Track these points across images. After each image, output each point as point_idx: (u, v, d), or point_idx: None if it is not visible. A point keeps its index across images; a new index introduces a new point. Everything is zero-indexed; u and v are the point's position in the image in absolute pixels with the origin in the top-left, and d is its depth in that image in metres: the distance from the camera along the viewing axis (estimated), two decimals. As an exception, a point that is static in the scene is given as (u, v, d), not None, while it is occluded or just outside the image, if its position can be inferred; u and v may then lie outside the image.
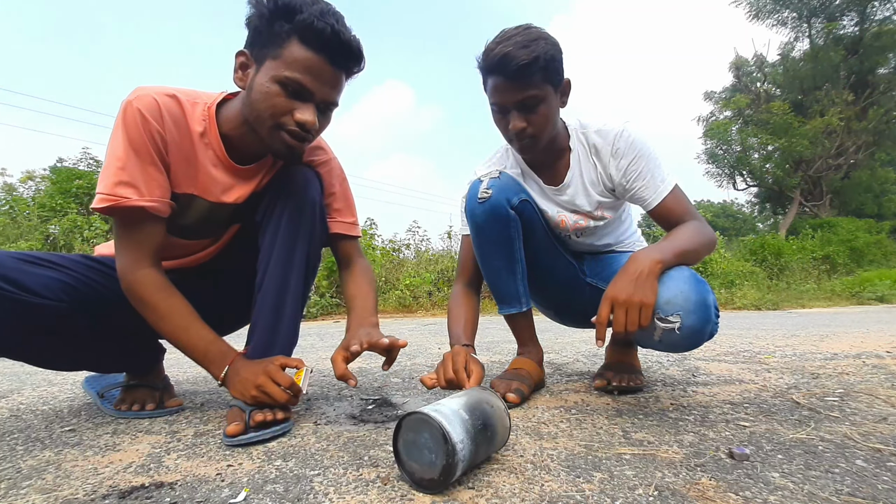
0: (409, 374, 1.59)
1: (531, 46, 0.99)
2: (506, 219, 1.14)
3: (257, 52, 0.87)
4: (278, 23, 0.83)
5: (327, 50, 0.85)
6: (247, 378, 0.90)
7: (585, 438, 0.90)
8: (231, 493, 0.68)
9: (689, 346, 0.95)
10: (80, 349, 1.00)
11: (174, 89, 0.92)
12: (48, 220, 5.74)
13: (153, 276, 0.92)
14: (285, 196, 1.01)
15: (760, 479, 0.70)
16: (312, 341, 2.81)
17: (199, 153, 0.94)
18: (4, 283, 0.82)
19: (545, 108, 1.06)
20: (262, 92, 0.86)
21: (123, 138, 0.87)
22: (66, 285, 0.90)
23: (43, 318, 0.87)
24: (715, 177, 17.46)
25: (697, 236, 1.04)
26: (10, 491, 0.70)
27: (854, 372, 1.52)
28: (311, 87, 0.87)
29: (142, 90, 0.88)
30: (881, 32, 14.16)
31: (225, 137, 0.96)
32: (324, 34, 0.83)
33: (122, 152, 0.87)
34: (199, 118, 0.94)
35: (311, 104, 0.89)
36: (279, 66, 0.85)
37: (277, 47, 0.84)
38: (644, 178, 1.12)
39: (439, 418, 0.65)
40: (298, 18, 0.82)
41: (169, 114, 0.89)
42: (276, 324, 0.99)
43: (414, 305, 5.69)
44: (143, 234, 0.91)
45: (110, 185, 0.86)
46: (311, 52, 0.85)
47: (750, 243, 10.32)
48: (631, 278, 0.90)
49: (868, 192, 16.60)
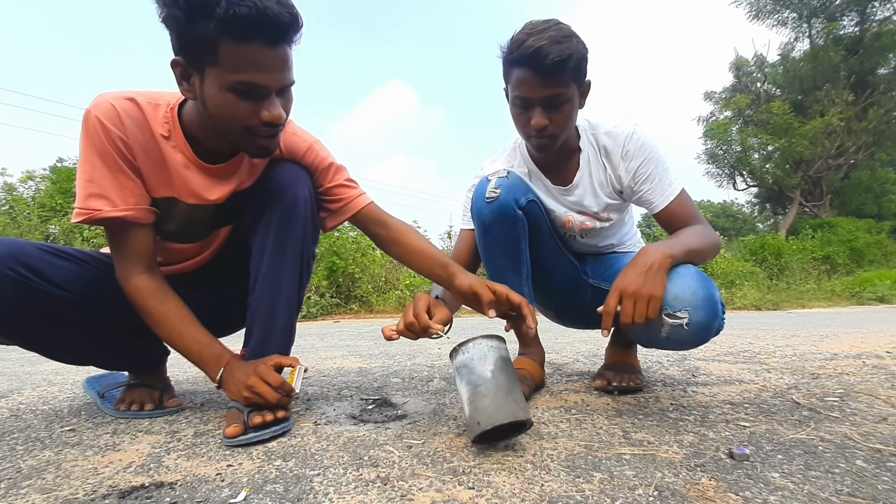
0: (409, 374, 1.59)
1: (565, 43, 0.98)
2: (513, 219, 1.13)
3: (193, 60, 0.80)
4: (199, 23, 0.75)
5: (262, 34, 0.77)
6: (239, 379, 0.90)
7: (585, 438, 0.90)
8: (231, 493, 0.68)
9: (697, 341, 0.95)
10: (89, 343, 1.02)
11: (134, 92, 0.89)
12: (48, 219, 5.74)
13: (144, 282, 0.92)
14: (273, 196, 0.99)
15: (760, 480, 0.70)
16: (312, 341, 2.81)
17: (168, 156, 0.92)
18: (27, 272, 0.83)
19: (569, 108, 1.05)
20: (218, 104, 0.81)
21: (88, 149, 0.85)
22: (84, 279, 0.92)
23: (59, 308, 0.89)
24: (715, 177, 17.50)
25: (704, 238, 1.04)
26: (10, 491, 0.70)
27: (854, 372, 1.52)
28: (263, 82, 0.80)
29: (100, 97, 0.86)
30: (881, 32, 14.17)
31: (191, 138, 0.93)
32: (251, 20, 0.74)
33: (88, 164, 0.85)
34: (162, 121, 0.90)
35: (271, 97, 0.83)
36: (223, 74, 0.78)
37: (211, 52, 0.77)
38: (652, 182, 1.12)
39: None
40: (218, 13, 0.73)
41: (129, 118, 0.87)
42: (270, 325, 0.99)
43: (414, 305, 5.68)
44: (129, 243, 0.91)
45: (82, 198, 0.86)
46: (246, 45, 0.76)
47: (750, 243, 10.32)
48: (641, 271, 0.90)
49: (868, 192, 16.61)
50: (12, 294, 0.82)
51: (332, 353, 2.18)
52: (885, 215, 16.20)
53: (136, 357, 1.14)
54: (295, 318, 1.05)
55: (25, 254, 0.84)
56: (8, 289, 0.82)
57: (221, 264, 1.13)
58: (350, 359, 2.00)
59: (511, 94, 1.08)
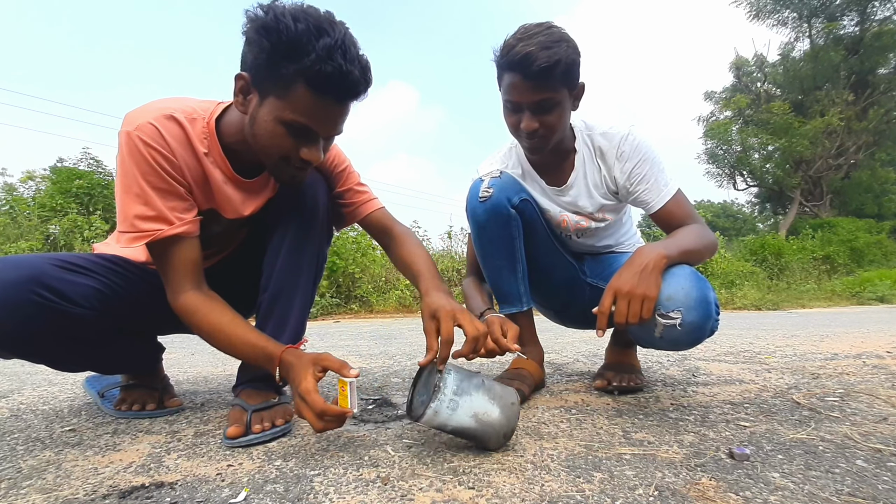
0: (409, 375, 1.59)
1: (553, 48, 0.98)
2: (506, 218, 1.14)
3: (259, 83, 0.82)
4: (283, 63, 0.77)
5: (336, 94, 0.81)
6: (293, 388, 0.85)
7: (585, 438, 0.90)
8: (231, 493, 0.68)
9: (690, 342, 0.96)
10: (95, 351, 1.00)
11: (168, 108, 0.87)
12: (48, 220, 5.74)
13: (193, 299, 0.89)
14: (293, 197, 1.01)
15: (760, 479, 0.70)
16: (312, 341, 2.81)
17: (209, 172, 0.92)
18: (49, 293, 0.80)
19: (559, 112, 1.06)
20: (267, 130, 0.83)
21: (133, 171, 0.83)
22: (98, 292, 0.89)
23: (77, 325, 0.86)
24: (715, 177, 17.48)
25: (700, 238, 1.05)
26: (10, 491, 0.70)
27: (854, 372, 1.52)
28: (316, 128, 0.84)
29: (136, 117, 0.84)
30: (881, 32, 14.16)
31: (228, 151, 0.93)
32: (333, 78, 0.77)
33: (136, 186, 0.83)
34: (201, 136, 0.90)
35: (318, 141, 0.86)
36: (284, 108, 0.80)
37: (282, 88, 0.79)
38: (647, 182, 1.12)
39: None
40: (306, 63, 0.76)
41: (173, 138, 0.86)
42: (285, 321, 1.00)
43: (414, 305, 5.69)
44: (180, 258, 0.89)
45: (137, 220, 0.84)
46: (318, 96, 0.79)
47: (750, 243, 10.31)
48: (635, 271, 0.90)
49: (868, 192, 16.59)
50: (36, 317, 0.80)
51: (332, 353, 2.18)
52: (886, 215, 16.17)
53: (135, 359, 1.13)
54: (307, 317, 1.07)
55: (46, 275, 0.81)
56: (31, 312, 0.79)
57: (224, 266, 1.13)
58: (350, 359, 2.00)
59: (502, 97, 1.09)
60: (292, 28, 0.75)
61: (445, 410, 0.78)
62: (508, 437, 0.83)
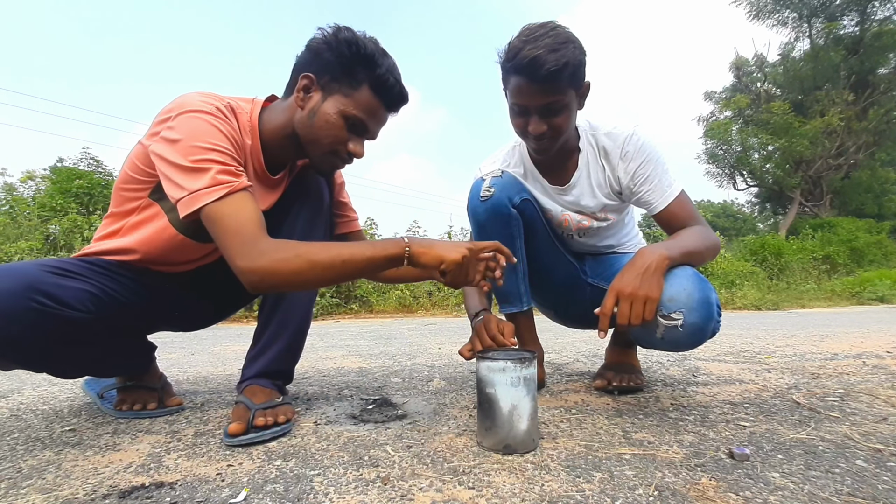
0: (409, 374, 1.59)
1: (561, 51, 0.97)
2: (507, 217, 1.14)
3: (326, 82, 0.94)
4: (358, 69, 0.93)
5: (389, 103, 0.99)
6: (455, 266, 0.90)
7: (585, 438, 0.90)
8: (231, 493, 0.68)
9: (692, 343, 0.96)
10: (92, 355, 1.00)
11: (222, 98, 0.93)
12: (48, 219, 5.73)
13: (276, 241, 0.84)
14: (302, 194, 1.08)
15: (760, 479, 0.70)
16: (312, 341, 2.81)
17: (247, 163, 0.97)
18: (46, 300, 0.81)
19: (566, 113, 1.05)
20: (328, 122, 0.94)
21: (207, 135, 0.85)
22: (92, 296, 0.90)
23: (76, 330, 0.87)
24: (715, 177, 17.47)
25: (703, 240, 1.04)
26: (10, 490, 0.70)
27: (854, 372, 1.52)
28: (370, 126, 0.98)
29: (197, 100, 0.88)
30: (881, 32, 14.15)
31: (264, 148, 0.99)
32: (392, 89, 0.96)
33: (212, 145, 0.85)
34: (245, 129, 0.96)
35: (364, 138, 1.00)
36: (348, 104, 0.94)
37: (350, 87, 0.94)
38: (651, 183, 1.12)
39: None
40: (377, 72, 0.94)
41: (233, 122, 0.93)
42: (292, 311, 1.07)
43: (414, 305, 5.69)
44: (254, 210, 0.85)
45: (217, 175, 0.83)
46: (377, 100, 0.96)
47: (750, 243, 10.31)
48: (638, 272, 0.90)
49: (868, 192, 16.59)
50: (36, 324, 0.81)
51: (332, 353, 2.18)
52: (886, 215, 16.17)
53: (129, 360, 1.13)
54: (312, 308, 1.14)
55: (41, 281, 0.82)
56: (32, 320, 0.80)
57: (213, 267, 1.13)
58: (350, 359, 2.00)
59: (509, 100, 1.09)
60: (369, 47, 0.94)
61: (523, 379, 0.82)
62: (506, 447, 0.82)
